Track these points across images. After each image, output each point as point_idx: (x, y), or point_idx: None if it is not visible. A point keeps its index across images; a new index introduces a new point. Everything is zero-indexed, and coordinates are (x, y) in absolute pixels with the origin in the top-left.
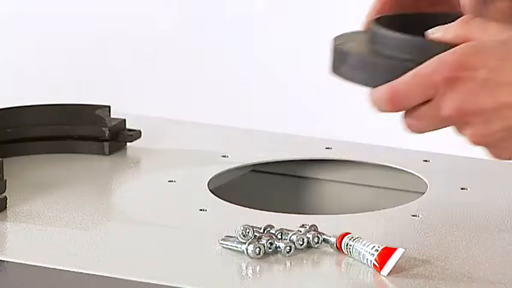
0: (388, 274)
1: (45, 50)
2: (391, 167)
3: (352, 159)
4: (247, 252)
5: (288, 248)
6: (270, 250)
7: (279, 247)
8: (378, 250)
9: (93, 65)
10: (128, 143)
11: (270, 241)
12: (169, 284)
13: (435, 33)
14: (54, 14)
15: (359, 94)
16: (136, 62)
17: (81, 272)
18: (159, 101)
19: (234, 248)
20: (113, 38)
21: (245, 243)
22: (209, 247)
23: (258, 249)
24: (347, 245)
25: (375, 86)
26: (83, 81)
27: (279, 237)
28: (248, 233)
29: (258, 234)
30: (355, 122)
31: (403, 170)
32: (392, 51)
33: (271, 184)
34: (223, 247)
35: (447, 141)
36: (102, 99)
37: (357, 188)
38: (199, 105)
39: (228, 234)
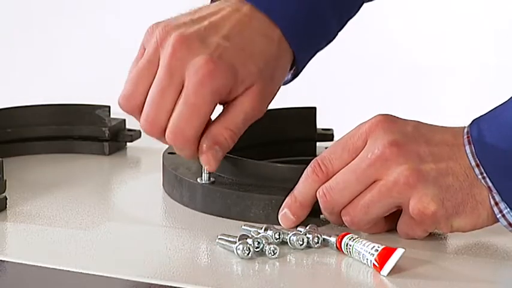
0: (388, 274)
1: (45, 50)
2: None
3: None
4: (237, 252)
5: (273, 248)
6: (258, 250)
7: (276, 249)
8: (377, 250)
9: (93, 65)
10: (128, 143)
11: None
12: (169, 284)
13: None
14: (54, 14)
15: (359, 94)
16: None
17: (81, 272)
18: None
19: (228, 248)
20: (113, 38)
21: (235, 242)
22: (209, 247)
23: (247, 250)
24: (347, 245)
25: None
26: (83, 81)
27: (277, 237)
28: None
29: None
30: (354, 122)
31: None
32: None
33: None
34: (220, 246)
35: None
36: (102, 99)
37: None
38: None
39: (225, 233)
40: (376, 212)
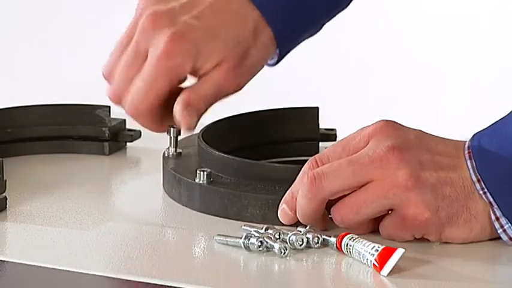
0: (388, 274)
1: (46, 50)
2: None
3: None
4: (245, 246)
5: (284, 248)
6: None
7: (274, 247)
8: (378, 250)
9: (93, 65)
10: (128, 143)
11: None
12: (169, 284)
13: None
14: (54, 14)
15: (362, 94)
16: None
17: (81, 272)
18: None
19: (232, 243)
20: (113, 38)
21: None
22: (209, 247)
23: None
24: (347, 245)
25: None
26: (83, 81)
27: (277, 237)
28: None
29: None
30: (355, 122)
31: None
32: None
33: None
34: (219, 243)
35: None
36: (102, 99)
37: None
38: None
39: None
40: (368, 212)
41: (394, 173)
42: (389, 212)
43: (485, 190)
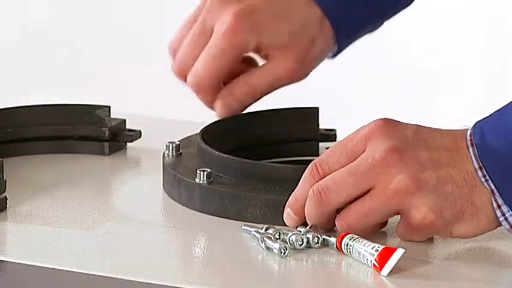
0: (388, 274)
1: (46, 50)
2: None
3: None
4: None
5: (284, 248)
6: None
7: (274, 247)
8: (378, 250)
9: (93, 65)
10: (128, 143)
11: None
12: (169, 284)
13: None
14: (54, 14)
15: (359, 94)
16: (136, 61)
17: (81, 272)
18: (159, 101)
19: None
20: (113, 38)
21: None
22: (209, 247)
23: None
24: (347, 245)
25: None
26: (83, 81)
27: (277, 237)
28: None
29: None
30: (354, 122)
31: None
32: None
33: None
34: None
35: None
36: (102, 99)
37: None
38: (199, 106)
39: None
40: (374, 219)
41: (395, 178)
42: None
43: (487, 177)
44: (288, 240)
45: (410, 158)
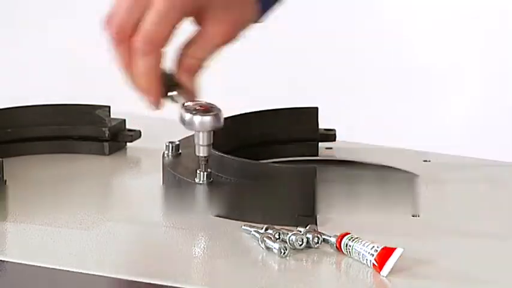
0: (388, 274)
1: (45, 50)
2: (390, 167)
3: (352, 159)
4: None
5: (284, 248)
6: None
7: (274, 247)
8: (377, 250)
9: (93, 65)
10: (128, 143)
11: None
12: (169, 284)
13: None
14: (54, 14)
15: (359, 94)
16: None
17: (81, 272)
18: None
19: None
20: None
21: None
22: (209, 247)
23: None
24: (346, 245)
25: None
26: (83, 81)
27: (277, 237)
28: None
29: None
30: (355, 122)
31: (403, 170)
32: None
33: None
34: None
35: (447, 141)
36: (102, 99)
37: (356, 188)
38: None
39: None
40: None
41: None
42: None
43: None
44: (287, 240)
45: None
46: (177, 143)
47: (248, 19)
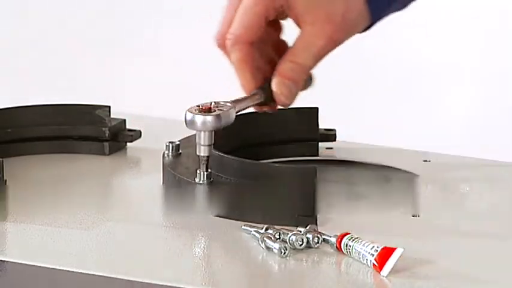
0: (388, 274)
1: (46, 50)
2: (390, 167)
3: (352, 159)
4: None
5: (284, 248)
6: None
7: (274, 247)
8: (377, 250)
9: (93, 65)
10: (128, 143)
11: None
12: (169, 284)
13: None
14: (54, 14)
15: (359, 94)
16: (136, 61)
17: (81, 272)
18: (159, 101)
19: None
20: (113, 38)
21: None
22: (209, 247)
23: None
24: (347, 245)
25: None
26: (83, 81)
27: (277, 237)
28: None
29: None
30: (354, 122)
31: (403, 170)
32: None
33: None
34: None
35: (447, 141)
36: (102, 99)
37: (356, 188)
38: None
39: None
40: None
41: None
42: None
43: None
44: (288, 240)
45: None
46: (177, 143)
47: (353, 20)
